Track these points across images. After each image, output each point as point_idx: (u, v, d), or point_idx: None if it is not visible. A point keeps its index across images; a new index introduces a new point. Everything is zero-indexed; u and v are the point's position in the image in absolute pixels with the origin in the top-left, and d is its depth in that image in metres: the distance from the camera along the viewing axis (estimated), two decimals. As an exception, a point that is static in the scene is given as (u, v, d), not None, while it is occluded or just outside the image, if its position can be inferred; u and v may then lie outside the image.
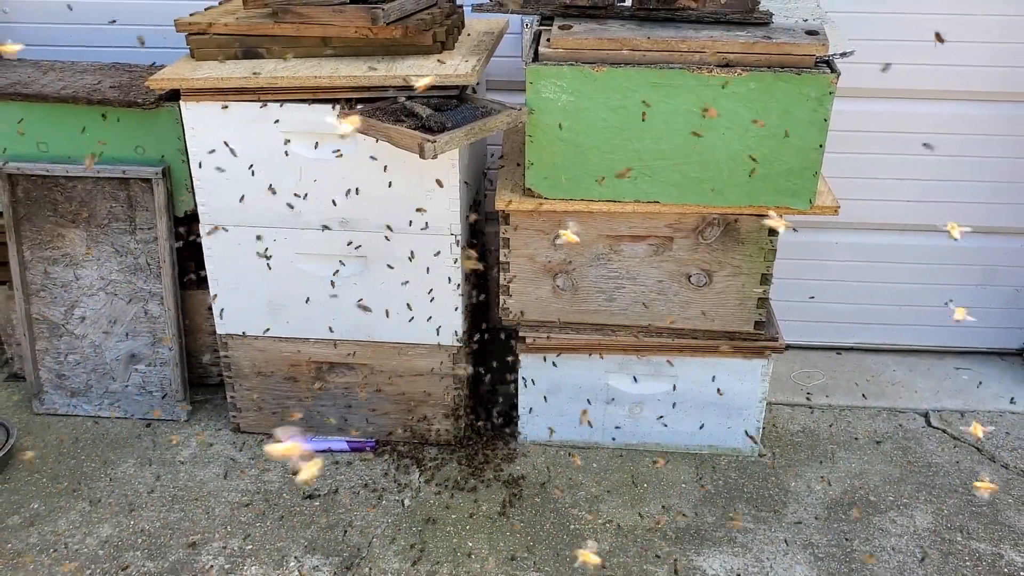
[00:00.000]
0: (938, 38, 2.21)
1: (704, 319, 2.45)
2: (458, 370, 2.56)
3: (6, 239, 2.65)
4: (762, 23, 2.20)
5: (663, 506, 2.47)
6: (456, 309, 2.48)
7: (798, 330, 3.14)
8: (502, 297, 2.47)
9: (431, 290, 2.45)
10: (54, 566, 2.26)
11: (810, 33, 2.14)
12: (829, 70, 2.10)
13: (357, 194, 2.35)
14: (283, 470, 2.59)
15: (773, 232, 2.29)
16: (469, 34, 2.54)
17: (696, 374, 2.53)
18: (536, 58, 2.16)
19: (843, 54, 2.14)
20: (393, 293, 2.47)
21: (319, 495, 2.50)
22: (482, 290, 2.73)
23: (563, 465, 2.62)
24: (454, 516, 2.43)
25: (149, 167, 2.53)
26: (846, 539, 2.37)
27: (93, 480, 2.55)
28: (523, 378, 2.58)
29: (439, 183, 2.31)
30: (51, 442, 2.70)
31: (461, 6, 2.56)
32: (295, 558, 2.29)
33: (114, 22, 2.87)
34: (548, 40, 2.17)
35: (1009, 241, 2.98)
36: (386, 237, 2.40)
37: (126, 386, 2.78)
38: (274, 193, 2.37)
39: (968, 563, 2.30)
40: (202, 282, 2.62)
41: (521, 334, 2.52)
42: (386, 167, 2.30)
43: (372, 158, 2.30)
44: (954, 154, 2.85)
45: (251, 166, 2.34)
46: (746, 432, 2.61)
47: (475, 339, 2.65)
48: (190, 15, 2.40)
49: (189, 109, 2.29)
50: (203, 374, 2.88)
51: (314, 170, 2.33)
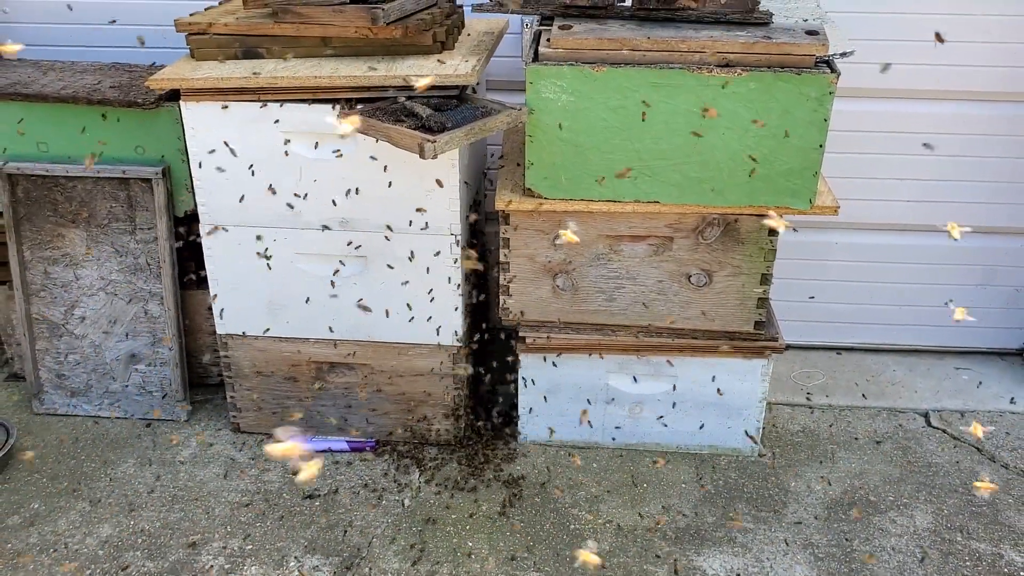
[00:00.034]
0: (938, 38, 2.21)
1: (704, 319, 2.45)
2: (458, 370, 2.56)
3: (6, 239, 2.65)
4: (762, 23, 2.20)
5: (663, 506, 2.47)
6: (456, 309, 2.48)
7: (798, 330, 3.14)
8: (502, 297, 2.47)
9: (431, 290, 2.45)
10: (54, 566, 2.26)
11: (810, 33, 2.14)
12: (829, 70, 2.10)
13: (357, 194, 2.35)
14: (283, 470, 2.59)
15: (773, 232, 2.29)
16: (469, 34, 2.54)
17: (696, 374, 2.53)
18: (536, 58, 2.16)
19: (843, 54, 2.14)
20: (393, 293, 2.47)
21: (319, 495, 2.50)
22: (482, 290, 2.73)
23: (563, 465, 2.62)
24: (454, 516, 2.43)
25: (149, 167, 2.54)
26: (846, 539, 2.37)
27: (93, 480, 2.55)
28: (523, 378, 2.58)
29: (439, 183, 2.31)
30: (51, 442, 2.70)
31: (461, 6, 2.56)
32: (295, 558, 2.30)
33: (114, 22, 2.87)
34: (548, 40, 2.17)
35: (1009, 241, 2.98)
36: (386, 237, 2.40)
37: (126, 386, 2.78)
38: (274, 193, 2.37)
39: (968, 563, 2.30)
40: (202, 282, 2.62)
41: (521, 334, 2.52)
42: (386, 167, 2.30)
43: (372, 158, 2.30)
44: (954, 154, 2.85)
45: (251, 166, 2.34)
46: (746, 432, 2.61)
47: (475, 339, 2.65)
48: (190, 15, 2.41)
49: (189, 109, 2.30)
50: (203, 374, 2.88)
51: (314, 170, 2.33)
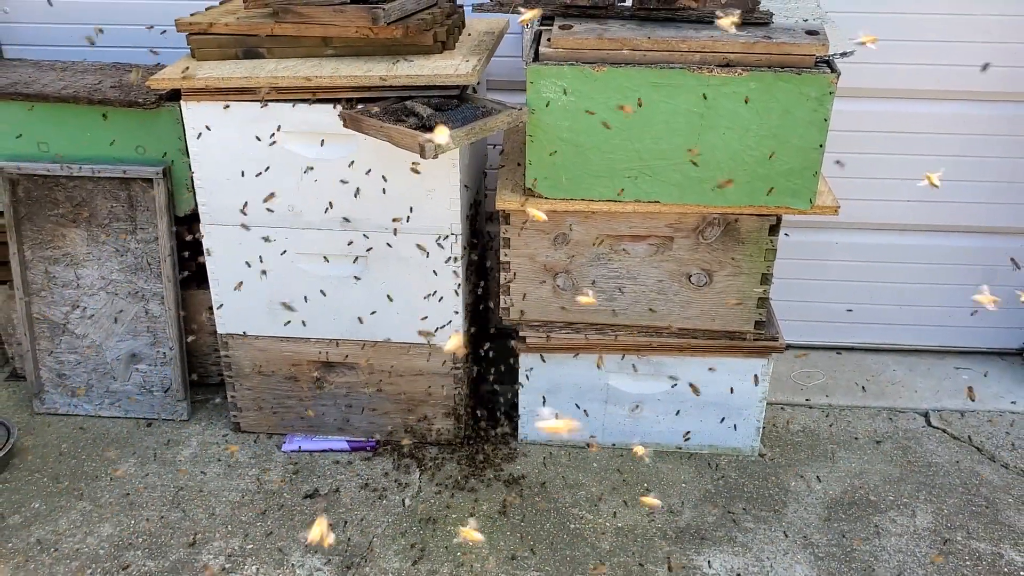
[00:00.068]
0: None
1: (704, 319, 2.45)
2: (458, 370, 2.56)
3: (7, 239, 2.65)
4: (762, 23, 2.20)
5: (663, 506, 2.47)
6: (456, 309, 2.48)
7: (798, 330, 3.14)
8: (502, 297, 2.47)
9: (431, 290, 2.45)
10: (55, 565, 2.26)
11: (810, 33, 2.14)
12: (829, 70, 2.10)
13: (357, 194, 2.35)
14: (283, 470, 2.59)
15: (773, 231, 2.30)
16: (470, 34, 2.54)
17: (696, 374, 2.53)
18: (537, 58, 2.17)
19: (843, 54, 2.14)
20: (393, 293, 2.47)
21: (320, 495, 2.50)
22: (483, 290, 2.73)
23: (563, 465, 2.62)
24: (454, 516, 2.43)
25: (150, 167, 2.54)
26: (846, 539, 2.37)
27: (94, 479, 2.55)
28: (523, 378, 2.59)
29: (439, 183, 2.31)
30: (52, 442, 2.71)
31: (462, 6, 2.56)
32: (295, 557, 2.30)
33: (101, 31, 2.86)
34: (548, 40, 2.17)
35: (1009, 241, 2.98)
36: (387, 238, 2.40)
37: (127, 386, 2.78)
38: (274, 193, 2.37)
39: (968, 563, 2.30)
40: (202, 282, 2.62)
41: (521, 334, 2.52)
42: (387, 167, 2.31)
43: (372, 158, 2.30)
44: (954, 154, 2.85)
45: (252, 166, 2.35)
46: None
47: (475, 339, 2.65)
48: (191, 15, 2.41)
49: (190, 109, 2.30)
50: (203, 373, 2.88)
51: (315, 170, 2.33)
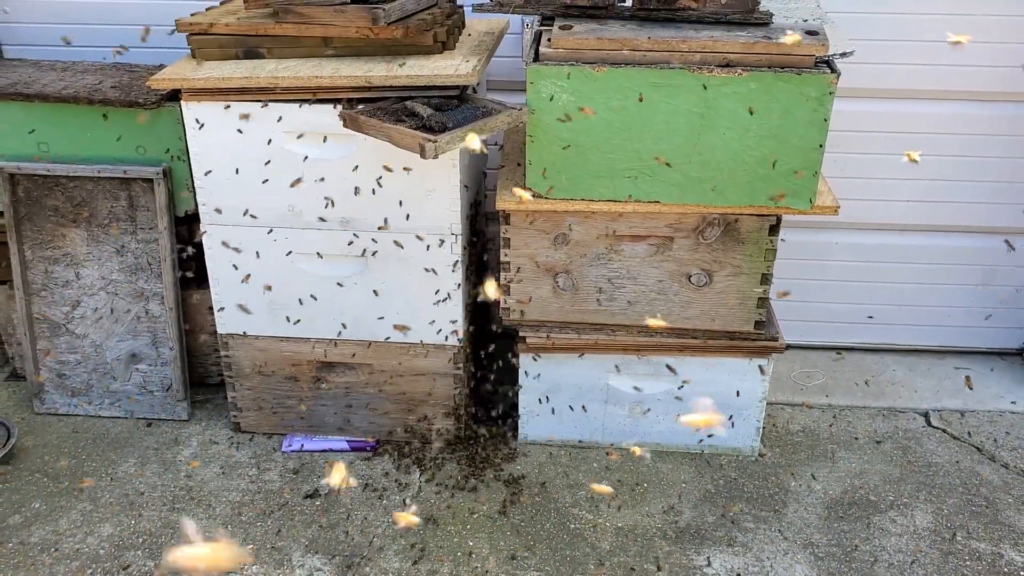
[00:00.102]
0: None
1: (704, 319, 2.45)
2: (458, 370, 2.57)
3: (7, 238, 2.65)
4: (762, 23, 2.20)
5: (663, 506, 2.47)
6: (456, 309, 2.48)
7: (798, 330, 3.14)
8: (503, 297, 2.47)
9: (431, 290, 2.45)
10: (55, 565, 2.27)
11: (810, 33, 2.14)
12: (829, 70, 2.10)
13: (357, 194, 2.35)
14: (283, 469, 2.59)
15: (773, 231, 2.30)
16: (470, 34, 2.54)
17: (696, 374, 2.54)
18: (537, 58, 2.17)
19: (843, 54, 2.14)
20: (393, 293, 2.47)
21: (320, 495, 2.50)
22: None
23: (563, 465, 2.62)
24: (455, 516, 2.43)
25: (150, 167, 2.54)
26: (846, 539, 2.37)
27: (94, 479, 2.55)
28: (523, 378, 2.59)
29: (439, 183, 2.31)
30: (52, 442, 2.71)
31: (462, 6, 2.56)
32: (296, 558, 2.30)
33: (103, 29, 2.87)
34: (549, 40, 2.17)
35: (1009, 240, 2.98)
36: (387, 238, 2.40)
37: (127, 386, 2.78)
38: (275, 193, 2.37)
39: (968, 563, 2.30)
40: (203, 282, 2.62)
41: (521, 334, 2.52)
42: (386, 167, 2.31)
43: (373, 158, 2.30)
44: (954, 154, 2.85)
45: (252, 166, 2.35)
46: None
47: (475, 339, 2.65)
48: (191, 15, 2.41)
49: (190, 109, 2.30)
50: (204, 374, 2.88)
51: (315, 170, 2.34)
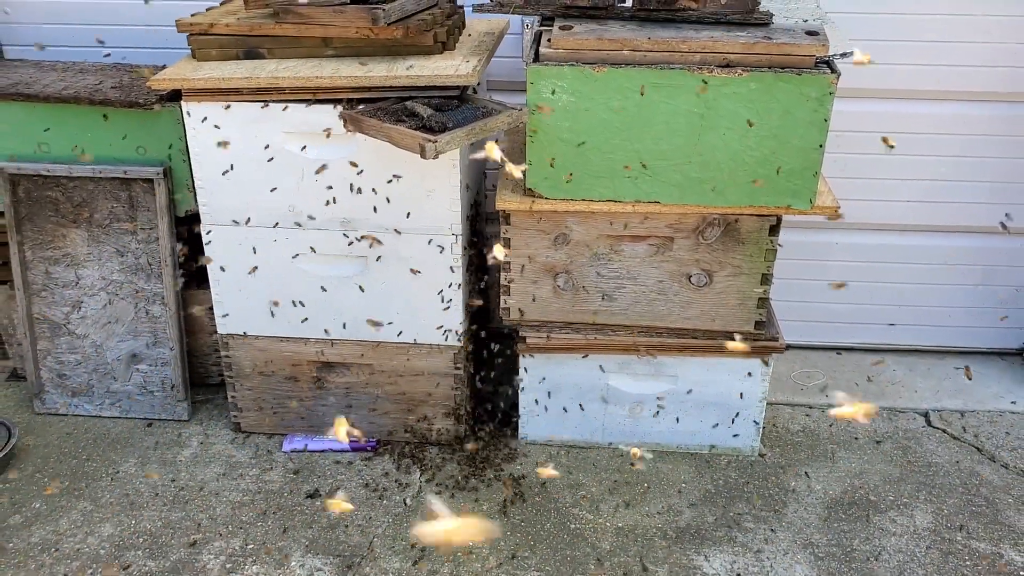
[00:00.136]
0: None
1: (704, 319, 2.45)
2: (458, 370, 2.57)
3: (7, 239, 2.65)
4: (762, 23, 2.20)
5: (663, 506, 2.48)
6: (456, 309, 2.48)
7: (798, 330, 3.14)
8: (503, 297, 2.47)
9: (432, 290, 2.46)
10: (55, 565, 2.27)
11: (810, 33, 2.14)
12: (829, 70, 2.10)
13: (358, 194, 2.35)
14: (284, 469, 2.59)
15: (774, 232, 2.30)
16: (470, 34, 2.54)
17: (696, 374, 2.54)
18: (537, 58, 2.17)
19: (843, 54, 2.14)
20: (393, 293, 2.47)
21: (320, 495, 2.50)
22: (483, 290, 2.73)
23: (563, 465, 2.62)
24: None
25: (150, 167, 2.54)
26: (846, 539, 2.37)
27: (94, 480, 2.56)
28: (523, 378, 2.59)
29: (440, 183, 2.31)
30: (52, 442, 2.71)
31: (462, 7, 2.56)
32: (296, 558, 2.30)
33: (108, 30, 2.87)
34: (549, 40, 2.17)
35: (1009, 241, 2.98)
36: (386, 237, 2.40)
37: (127, 386, 2.78)
38: (275, 193, 2.38)
39: (968, 563, 2.30)
40: (203, 282, 2.62)
41: (521, 334, 2.52)
42: (387, 167, 2.31)
43: (373, 158, 2.30)
44: (955, 154, 2.85)
45: (252, 166, 2.35)
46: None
47: (475, 339, 2.65)
48: (191, 16, 2.41)
49: (190, 109, 2.30)
50: (204, 374, 2.89)
51: (315, 170, 2.34)
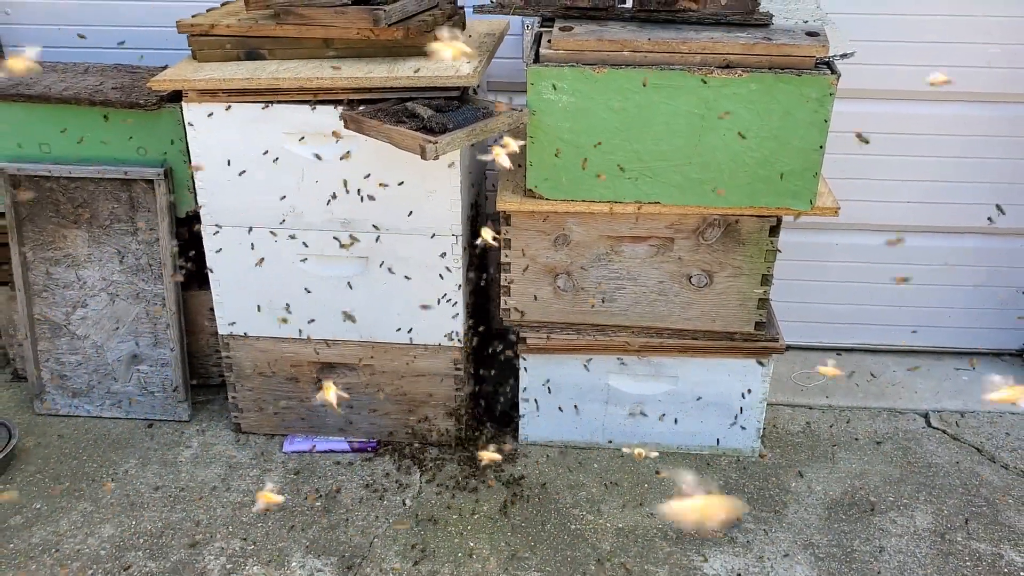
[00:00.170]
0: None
1: (705, 320, 2.45)
2: (459, 371, 2.57)
3: (8, 240, 2.65)
4: (762, 24, 2.20)
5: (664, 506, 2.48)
6: (457, 310, 2.48)
7: (798, 330, 3.15)
8: (503, 297, 2.47)
9: (432, 291, 2.46)
10: (56, 566, 2.27)
11: (810, 34, 2.14)
12: (829, 71, 2.11)
13: (358, 195, 2.35)
14: (284, 470, 2.59)
15: (774, 232, 2.30)
16: (470, 35, 2.54)
17: (696, 374, 2.54)
18: (537, 59, 2.17)
19: (843, 55, 2.15)
20: (394, 294, 2.48)
21: (321, 496, 2.50)
22: (483, 290, 2.74)
23: (564, 465, 2.62)
24: (455, 516, 2.44)
25: (151, 168, 2.54)
26: (846, 539, 2.37)
27: (95, 480, 2.56)
28: (524, 378, 2.59)
29: (440, 184, 2.31)
30: (53, 442, 2.71)
31: (462, 8, 2.56)
32: (296, 558, 2.30)
33: (105, 30, 2.87)
34: (549, 41, 2.18)
35: (1009, 241, 2.98)
36: (387, 238, 2.40)
37: (128, 387, 2.79)
38: (275, 194, 2.38)
39: (968, 563, 2.30)
40: (203, 282, 2.62)
41: (522, 334, 2.52)
42: (387, 168, 2.31)
43: (373, 159, 2.30)
44: (955, 155, 2.85)
45: (253, 167, 2.35)
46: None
47: (475, 339, 2.65)
48: (192, 16, 2.41)
49: (191, 110, 2.30)
50: (204, 375, 2.89)
51: (315, 171, 2.34)
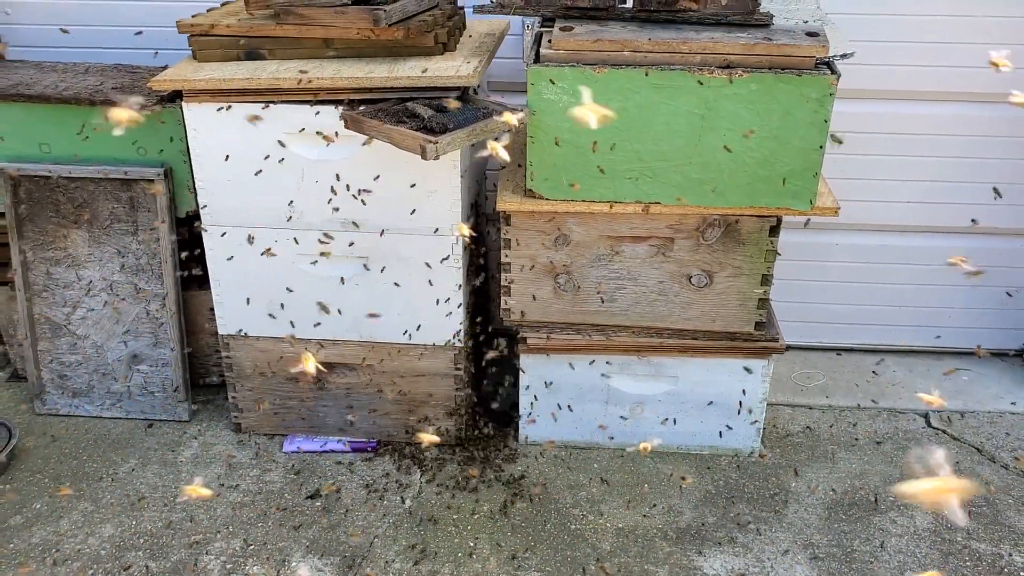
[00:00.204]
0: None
1: (705, 320, 2.45)
2: (459, 371, 2.57)
3: (8, 239, 2.65)
4: (763, 25, 2.20)
5: (664, 506, 2.48)
6: (457, 310, 2.48)
7: (798, 330, 3.15)
8: (503, 297, 2.47)
9: (432, 291, 2.46)
10: (56, 566, 2.27)
11: (810, 35, 2.14)
12: (829, 71, 2.11)
13: (358, 195, 2.35)
14: (284, 470, 2.59)
15: (774, 232, 2.30)
16: (471, 35, 2.54)
17: (696, 374, 2.54)
18: (537, 59, 2.17)
19: (843, 55, 2.15)
20: (394, 294, 2.48)
21: (321, 495, 2.50)
22: (483, 291, 2.74)
23: (564, 465, 2.62)
24: (455, 516, 2.44)
25: (151, 168, 2.54)
26: (846, 539, 2.38)
27: (95, 480, 2.56)
28: (524, 378, 2.59)
29: (440, 184, 2.31)
30: (53, 443, 2.71)
31: (463, 8, 2.56)
32: (296, 558, 2.30)
33: (107, 31, 2.87)
34: (549, 41, 2.18)
35: (1008, 242, 2.98)
36: (387, 238, 2.40)
37: (128, 386, 2.79)
38: (276, 194, 2.38)
39: (968, 563, 2.30)
40: (203, 282, 2.62)
41: (522, 334, 2.52)
42: (388, 168, 2.31)
43: (374, 159, 2.30)
44: (955, 155, 2.85)
45: (253, 167, 2.35)
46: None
47: (476, 339, 2.66)
48: (192, 16, 2.41)
49: (191, 110, 2.30)
50: (204, 374, 2.89)
51: (315, 171, 2.34)
